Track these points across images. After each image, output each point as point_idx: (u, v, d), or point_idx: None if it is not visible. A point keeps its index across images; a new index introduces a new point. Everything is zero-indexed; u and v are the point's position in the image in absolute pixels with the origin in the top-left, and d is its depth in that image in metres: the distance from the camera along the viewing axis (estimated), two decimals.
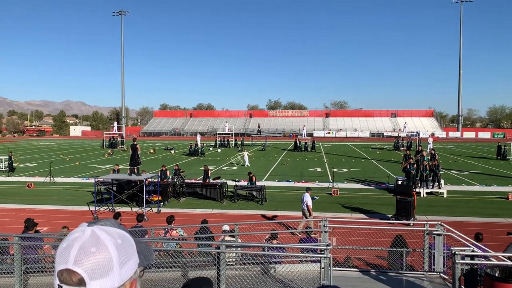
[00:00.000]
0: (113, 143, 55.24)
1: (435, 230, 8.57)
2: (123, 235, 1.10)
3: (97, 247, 1.01)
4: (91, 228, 1.06)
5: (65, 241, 1.05)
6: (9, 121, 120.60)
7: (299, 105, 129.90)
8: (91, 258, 0.99)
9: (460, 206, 18.48)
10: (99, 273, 0.99)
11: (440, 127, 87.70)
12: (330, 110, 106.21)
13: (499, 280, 5.84)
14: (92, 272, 0.99)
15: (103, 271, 1.00)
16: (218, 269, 6.89)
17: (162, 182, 20.14)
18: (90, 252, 1.00)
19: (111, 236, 1.06)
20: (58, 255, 1.03)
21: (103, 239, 1.03)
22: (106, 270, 1.00)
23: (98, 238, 1.03)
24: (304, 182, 25.03)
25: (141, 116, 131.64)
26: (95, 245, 1.02)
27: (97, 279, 0.99)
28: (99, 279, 0.99)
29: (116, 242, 1.05)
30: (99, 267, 0.99)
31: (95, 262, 0.99)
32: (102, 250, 1.01)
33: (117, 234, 1.08)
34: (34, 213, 16.91)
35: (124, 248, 1.07)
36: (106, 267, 1.00)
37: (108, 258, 1.01)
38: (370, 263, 10.32)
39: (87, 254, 1.00)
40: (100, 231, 1.06)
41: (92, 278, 0.98)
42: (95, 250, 1.01)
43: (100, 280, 0.99)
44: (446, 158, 38.34)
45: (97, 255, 1.00)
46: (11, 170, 30.22)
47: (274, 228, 14.02)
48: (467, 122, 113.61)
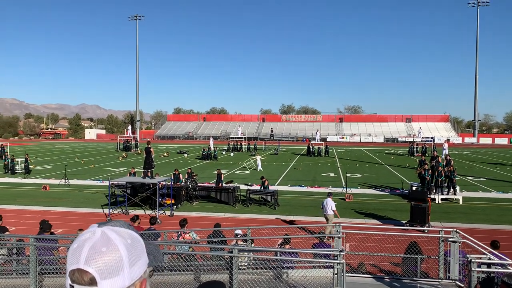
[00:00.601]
0: (127, 146, 55.75)
1: (451, 237, 8.43)
2: (132, 236, 1.11)
3: (108, 247, 1.03)
4: (101, 229, 1.08)
5: (76, 242, 1.07)
6: (25, 124, 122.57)
7: (313, 109, 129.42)
8: (102, 258, 1.01)
9: (476, 213, 18.18)
10: (109, 272, 1.01)
11: (456, 133, 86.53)
12: (343, 115, 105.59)
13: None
14: (103, 271, 1.00)
15: (114, 271, 1.01)
16: (231, 273, 6.87)
17: (175, 186, 20.23)
18: (101, 252, 1.02)
19: (121, 236, 1.08)
20: (69, 256, 1.05)
21: (113, 239, 1.05)
22: (116, 270, 1.02)
23: (108, 238, 1.05)
24: (317, 187, 24.91)
25: (155, 120, 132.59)
26: (105, 245, 1.03)
27: (108, 279, 1.00)
28: (110, 279, 1.00)
29: (126, 242, 1.07)
30: (110, 267, 1.01)
31: (105, 262, 1.01)
32: (112, 250, 1.03)
33: (126, 234, 1.10)
34: (49, 215, 17.11)
35: (134, 248, 1.08)
36: (116, 267, 1.02)
37: (119, 258, 1.03)
38: (383, 269, 10.21)
39: (98, 254, 1.01)
40: (110, 231, 1.08)
41: (103, 277, 1.00)
42: (105, 250, 1.02)
43: (111, 280, 1.00)
44: (462, 164, 37.80)
45: (108, 255, 1.02)
46: (27, 172, 30.67)
47: (286, 233, 13.96)
48: (483, 128, 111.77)
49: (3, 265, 9.69)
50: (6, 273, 8.99)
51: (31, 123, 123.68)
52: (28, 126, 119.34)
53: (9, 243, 9.94)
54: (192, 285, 7.55)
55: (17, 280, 8.41)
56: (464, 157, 46.39)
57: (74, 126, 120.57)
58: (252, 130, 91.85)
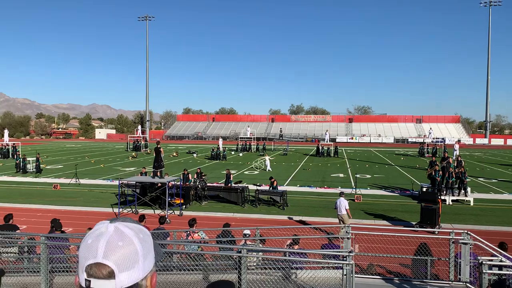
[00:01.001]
0: (137, 146, 56.08)
1: (462, 239, 8.35)
2: (143, 230, 1.15)
3: (123, 241, 1.06)
4: (114, 224, 1.11)
5: (89, 238, 1.09)
6: (37, 123, 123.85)
7: (322, 110, 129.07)
8: (119, 251, 1.04)
9: (487, 215, 17.99)
10: (126, 265, 1.04)
11: (467, 134, 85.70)
12: (353, 115, 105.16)
13: None
14: (120, 264, 1.03)
15: (130, 263, 1.05)
16: (239, 273, 6.88)
17: (185, 185, 20.30)
18: (118, 246, 1.05)
19: (133, 231, 1.11)
20: (83, 251, 1.07)
21: (128, 234, 1.09)
22: (133, 262, 1.05)
23: (122, 232, 1.08)
24: (327, 188, 24.84)
25: (165, 120, 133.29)
26: (121, 239, 1.07)
27: (125, 271, 1.04)
28: (127, 271, 1.04)
29: (139, 236, 1.10)
30: (127, 260, 1.04)
31: (123, 255, 1.04)
32: (128, 244, 1.06)
33: (137, 229, 1.14)
34: (60, 213, 17.28)
35: (145, 242, 1.12)
36: (132, 260, 1.05)
37: (134, 251, 1.07)
38: (393, 271, 10.14)
39: (115, 248, 1.04)
40: (123, 226, 1.11)
41: (120, 270, 1.03)
42: (122, 244, 1.05)
43: (128, 272, 1.04)
44: (473, 165, 37.44)
45: (124, 248, 1.05)
46: (38, 171, 31.00)
47: (295, 233, 13.94)
48: (495, 129, 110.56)
49: (14, 263, 9.80)
50: (18, 271, 9.09)
51: (42, 123, 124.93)
52: (40, 126, 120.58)
53: (20, 242, 10.05)
54: (201, 285, 7.57)
55: (28, 278, 8.50)
56: (475, 158, 45.94)
57: (85, 126, 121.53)
58: (261, 130, 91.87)
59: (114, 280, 1.02)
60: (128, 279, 1.04)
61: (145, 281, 1.09)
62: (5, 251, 9.82)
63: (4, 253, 9.83)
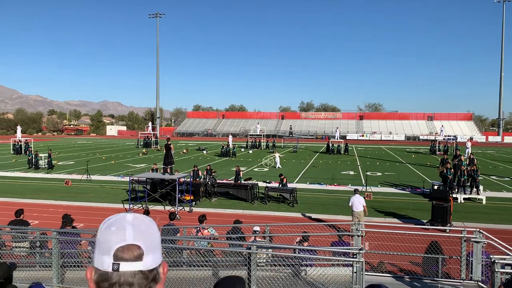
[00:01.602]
0: (147, 142, 56.39)
1: (474, 237, 8.26)
2: (153, 222, 1.22)
3: (146, 226, 1.14)
4: (132, 214, 1.18)
5: (111, 226, 1.14)
6: (49, 120, 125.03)
7: (332, 107, 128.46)
8: (145, 235, 1.12)
9: (500, 213, 17.78)
10: (152, 247, 1.12)
11: (479, 131, 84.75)
12: (364, 113, 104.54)
13: None
14: (148, 246, 1.11)
15: (154, 246, 1.13)
16: (249, 270, 6.88)
17: (194, 182, 20.37)
18: (143, 230, 1.13)
19: (148, 219, 1.19)
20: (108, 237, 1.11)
21: (147, 221, 1.17)
22: (156, 246, 1.13)
23: (142, 220, 1.16)
24: (337, 185, 24.74)
25: (175, 117, 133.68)
26: (144, 224, 1.14)
27: (150, 253, 1.11)
28: (152, 253, 1.11)
29: (153, 224, 1.19)
30: (152, 243, 1.12)
31: (149, 238, 1.12)
32: (150, 229, 1.15)
33: (150, 219, 1.21)
34: (71, 209, 17.44)
35: (158, 231, 1.20)
36: (156, 243, 1.14)
37: (156, 236, 1.15)
38: (403, 269, 10.07)
39: (141, 232, 1.12)
40: (141, 215, 1.19)
41: (147, 252, 1.10)
42: (145, 229, 1.13)
43: (152, 254, 1.12)
44: (485, 163, 37.01)
45: (148, 232, 1.13)
46: (50, 167, 31.32)
47: (305, 230, 13.91)
48: (508, 126, 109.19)
49: (26, 258, 9.92)
50: (30, 265, 9.21)
51: (54, 119, 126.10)
52: (51, 122, 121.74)
53: (31, 236, 10.17)
54: (210, 281, 7.59)
55: (40, 272, 8.60)
56: (488, 156, 45.41)
57: (96, 123, 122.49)
58: (271, 127, 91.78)
59: (142, 261, 1.09)
60: (152, 261, 1.11)
61: (160, 268, 1.15)
62: (17, 245, 9.95)
63: (17, 247, 9.95)
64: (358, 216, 14.44)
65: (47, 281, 7.84)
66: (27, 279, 8.03)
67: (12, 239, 10.06)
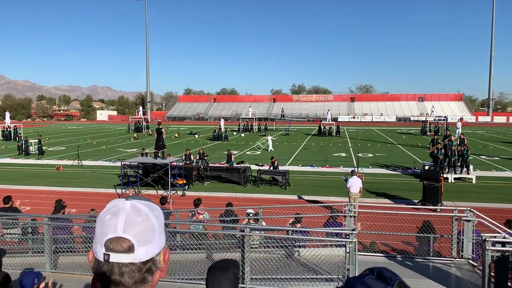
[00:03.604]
0: (138, 127, 56.04)
1: (465, 216, 8.35)
2: (156, 208, 1.20)
3: (141, 217, 1.11)
4: (130, 202, 1.15)
5: (107, 214, 1.13)
6: (38, 105, 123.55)
7: (324, 89, 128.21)
8: (138, 226, 1.09)
9: (489, 192, 18.01)
10: (145, 240, 1.09)
11: (469, 112, 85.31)
12: (355, 94, 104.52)
13: None
14: (139, 239, 1.08)
15: (148, 238, 1.10)
16: (243, 252, 6.90)
17: (187, 166, 20.31)
18: (136, 221, 1.10)
19: (148, 208, 1.15)
20: (102, 226, 1.11)
21: (145, 210, 1.13)
22: (150, 237, 1.11)
23: (139, 209, 1.13)
24: (329, 167, 24.85)
25: (166, 101, 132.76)
26: (139, 215, 1.11)
27: (143, 245, 1.09)
28: (145, 246, 1.09)
29: (153, 213, 1.15)
30: (145, 234, 1.10)
31: (141, 230, 1.09)
32: (146, 219, 1.11)
33: (152, 206, 1.18)
34: (63, 195, 17.33)
35: (159, 218, 1.17)
36: (150, 235, 1.11)
37: (152, 227, 1.12)
38: (396, 248, 10.19)
39: (134, 223, 1.09)
40: (139, 203, 1.15)
41: (139, 244, 1.08)
42: (140, 220, 1.11)
43: (145, 246, 1.09)
44: (475, 143, 37.35)
45: (142, 224, 1.10)
46: (40, 153, 31.06)
47: (298, 212, 13.98)
48: (498, 106, 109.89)
49: (19, 244, 9.87)
50: (23, 252, 9.17)
51: (43, 105, 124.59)
52: (41, 108, 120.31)
53: (22, 223, 10.10)
54: (204, 264, 7.61)
55: (33, 258, 8.57)
56: (478, 136, 45.83)
57: (86, 108, 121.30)
58: (262, 110, 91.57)
59: (133, 254, 1.07)
60: (146, 253, 1.09)
61: (159, 257, 1.15)
62: (8, 232, 9.89)
63: (8, 234, 9.89)
64: (354, 197, 14.58)
65: (40, 267, 7.81)
66: (20, 265, 8.00)
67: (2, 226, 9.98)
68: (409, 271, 7.91)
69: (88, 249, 8.52)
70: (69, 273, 7.76)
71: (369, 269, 0.93)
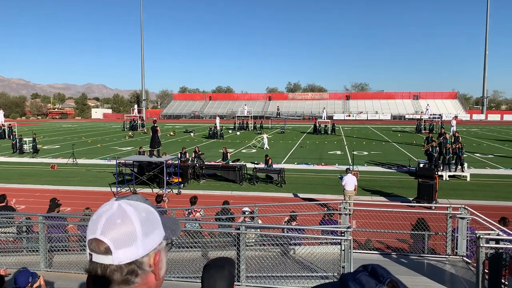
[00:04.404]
0: (133, 125, 55.85)
1: (459, 213, 8.40)
2: (147, 209, 1.17)
3: (122, 219, 1.10)
4: (118, 202, 1.15)
5: (95, 214, 1.14)
6: (32, 104, 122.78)
7: (319, 87, 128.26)
8: (116, 229, 1.08)
9: (484, 190, 18.11)
10: (123, 242, 1.08)
11: (464, 110, 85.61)
12: (350, 93, 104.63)
13: None
14: (117, 241, 1.07)
15: (127, 241, 1.08)
16: (238, 250, 6.91)
17: (182, 164, 20.29)
18: (116, 223, 1.09)
19: (136, 209, 1.14)
20: (88, 226, 1.13)
21: (128, 212, 1.12)
22: (130, 240, 1.08)
23: (124, 211, 1.12)
24: (324, 165, 24.89)
25: (161, 99, 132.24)
26: (120, 217, 1.10)
27: (121, 248, 1.07)
28: (123, 248, 1.07)
29: (140, 215, 1.13)
30: (123, 237, 1.08)
31: (120, 233, 1.08)
32: (126, 222, 1.10)
33: (141, 207, 1.16)
34: (58, 193, 17.27)
35: (148, 220, 1.14)
36: (130, 238, 1.09)
37: (132, 229, 1.09)
38: (390, 246, 10.24)
39: (112, 225, 1.09)
40: (126, 204, 1.14)
41: (117, 247, 1.07)
42: (120, 222, 1.09)
43: (124, 249, 1.08)
44: (469, 141, 37.52)
45: (122, 226, 1.09)
46: (35, 151, 30.91)
47: (293, 210, 14.01)
48: (492, 105, 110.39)
49: (14, 243, 9.83)
50: (17, 250, 9.13)
51: (38, 103, 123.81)
52: (35, 106, 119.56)
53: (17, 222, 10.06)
54: (200, 262, 7.62)
55: (27, 257, 8.54)
56: (472, 134, 46.05)
57: (81, 106, 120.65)
58: (258, 108, 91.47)
59: (111, 256, 1.06)
60: (125, 255, 1.07)
61: (147, 259, 1.12)
62: (3, 231, 9.84)
63: (3, 233, 9.85)
64: (349, 195, 14.62)
65: (35, 265, 7.79)
66: (15, 264, 7.97)
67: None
68: (404, 268, 7.95)
69: (83, 247, 8.50)
70: (64, 272, 7.74)
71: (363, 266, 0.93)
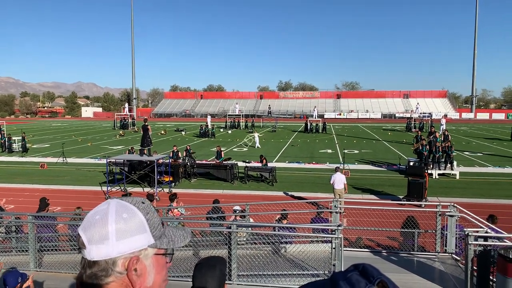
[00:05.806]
0: (124, 124, 55.51)
1: (448, 211, 8.49)
2: (132, 211, 1.16)
3: (101, 217, 1.12)
4: (109, 201, 1.17)
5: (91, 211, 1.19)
6: (21, 102, 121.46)
7: (310, 86, 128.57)
8: (92, 226, 1.12)
9: (473, 188, 18.31)
10: (94, 239, 1.10)
11: (453, 108, 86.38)
12: (341, 91, 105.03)
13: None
14: (89, 237, 1.10)
15: (99, 239, 1.10)
16: (229, 248, 6.92)
17: (174, 163, 20.22)
18: (94, 220, 1.12)
19: (117, 210, 1.14)
20: None
21: (109, 211, 1.13)
22: (102, 239, 1.10)
23: (107, 210, 1.14)
24: (315, 164, 24.98)
25: (152, 98, 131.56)
26: (100, 215, 1.13)
27: (93, 244, 1.10)
28: (95, 245, 1.10)
29: (121, 216, 1.13)
30: (96, 235, 1.10)
31: (95, 230, 1.11)
32: (102, 220, 1.12)
33: (128, 209, 1.15)
34: (48, 193, 17.12)
35: (128, 224, 1.13)
36: (102, 236, 1.10)
37: (105, 228, 1.11)
38: (381, 244, 10.31)
39: (91, 222, 1.12)
40: (112, 205, 1.15)
41: (90, 242, 1.10)
42: (98, 218, 1.12)
43: (96, 246, 1.10)
44: (459, 139, 37.87)
45: (97, 224, 1.11)
46: (24, 150, 30.61)
47: (284, 208, 14.04)
48: (481, 103, 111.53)
49: (3, 243, 9.73)
50: (6, 251, 9.04)
51: (27, 102, 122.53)
52: (24, 105, 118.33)
53: (6, 221, 9.96)
54: (191, 261, 7.61)
55: (17, 257, 8.46)
56: (462, 133, 46.49)
57: (71, 104, 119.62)
58: (249, 107, 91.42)
59: (85, 250, 1.11)
60: (96, 252, 1.09)
61: (122, 261, 1.11)
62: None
63: None
64: (339, 194, 14.68)
65: (24, 265, 7.72)
66: (4, 264, 7.89)
67: None
68: (394, 266, 8.02)
69: (74, 247, 8.45)
70: (54, 272, 7.69)
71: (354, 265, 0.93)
